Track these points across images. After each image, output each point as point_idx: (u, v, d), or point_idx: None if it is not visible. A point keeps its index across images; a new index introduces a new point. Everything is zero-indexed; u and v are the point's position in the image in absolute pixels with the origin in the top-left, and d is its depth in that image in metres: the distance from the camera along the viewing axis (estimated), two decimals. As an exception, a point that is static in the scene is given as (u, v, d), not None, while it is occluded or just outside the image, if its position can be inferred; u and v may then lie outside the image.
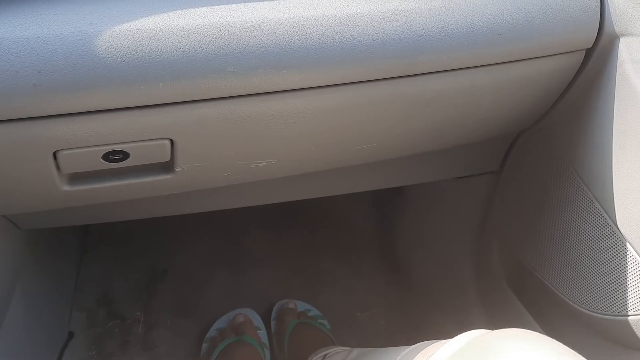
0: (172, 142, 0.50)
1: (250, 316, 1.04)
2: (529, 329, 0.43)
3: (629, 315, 0.60)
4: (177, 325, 1.06)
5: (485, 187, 0.88)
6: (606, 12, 0.56)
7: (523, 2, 0.53)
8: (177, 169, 0.54)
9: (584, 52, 0.58)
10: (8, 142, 0.44)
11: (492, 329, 0.46)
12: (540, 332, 0.43)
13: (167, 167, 0.54)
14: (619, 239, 0.60)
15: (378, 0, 0.49)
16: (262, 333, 1.02)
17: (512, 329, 0.44)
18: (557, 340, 0.42)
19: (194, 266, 1.15)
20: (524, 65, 0.56)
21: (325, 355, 0.84)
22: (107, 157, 0.49)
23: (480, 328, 0.48)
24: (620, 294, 0.61)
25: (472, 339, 0.46)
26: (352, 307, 1.12)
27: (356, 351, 0.74)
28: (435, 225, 1.06)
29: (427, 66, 0.51)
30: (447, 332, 0.54)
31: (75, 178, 0.52)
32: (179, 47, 0.44)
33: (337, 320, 1.09)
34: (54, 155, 0.47)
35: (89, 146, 0.47)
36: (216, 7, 0.46)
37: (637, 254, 0.58)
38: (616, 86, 0.58)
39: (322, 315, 1.08)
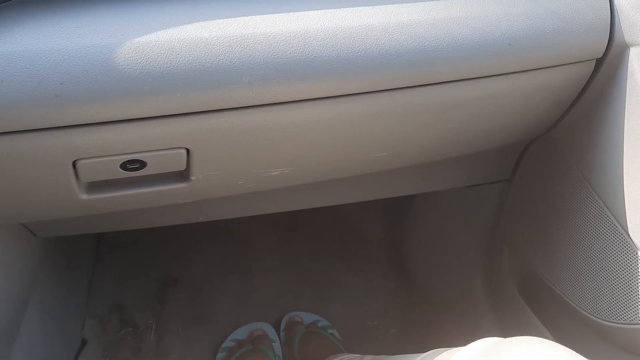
0: (188, 151, 0.51)
1: (266, 330, 1.05)
2: (539, 337, 0.44)
3: (640, 324, 0.61)
4: (189, 334, 1.07)
5: (496, 195, 0.89)
6: (616, 22, 0.57)
7: (534, 13, 0.53)
8: (193, 178, 0.55)
9: (594, 61, 0.59)
10: (29, 152, 0.45)
11: (504, 337, 0.47)
12: (551, 340, 0.43)
13: (182, 175, 0.55)
14: (631, 247, 0.60)
15: (390, 12, 0.50)
16: (277, 346, 1.03)
17: (524, 336, 0.44)
18: (568, 348, 0.42)
19: (204, 274, 1.16)
20: (535, 74, 0.56)
21: (336, 363, 0.84)
22: (124, 166, 0.50)
23: (491, 336, 0.48)
24: (632, 303, 0.61)
25: (485, 346, 0.47)
26: (362, 316, 1.13)
27: (368, 358, 0.74)
28: (446, 234, 1.06)
29: (439, 76, 0.52)
30: (458, 340, 0.54)
31: (93, 187, 0.53)
32: (196, 58, 0.45)
33: (347, 329, 1.09)
34: (74, 164, 0.48)
35: (107, 155, 0.48)
36: (232, 19, 0.47)
37: (649, 262, 0.58)
38: (627, 95, 0.58)
39: (332, 326, 1.08)
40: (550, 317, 0.79)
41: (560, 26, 0.54)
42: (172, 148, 0.50)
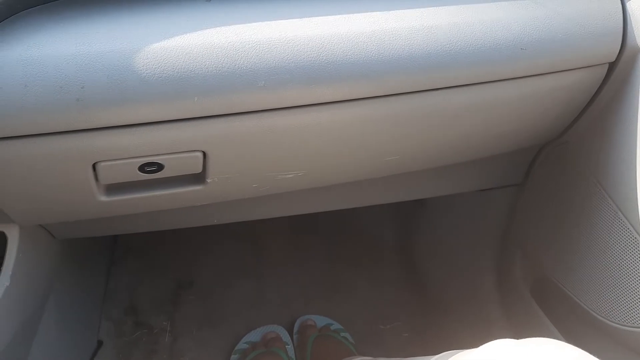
0: (204, 154, 0.52)
1: (279, 333, 1.06)
2: (552, 339, 0.44)
3: (655, 328, 0.60)
4: (202, 336, 1.08)
5: (508, 199, 0.89)
6: (629, 27, 0.57)
7: (546, 18, 0.54)
8: (209, 180, 0.56)
9: (607, 65, 0.59)
10: (51, 154, 0.46)
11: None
12: (564, 342, 0.44)
13: (199, 178, 0.56)
14: (645, 251, 0.60)
15: (403, 17, 0.51)
16: (290, 348, 1.04)
17: (537, 337, 0.45)
18: (581, 350, 0.42)
19: (218, 277, 1.17)
20: (548, 78, 0.57)
21: (349, 365, 0.85)
22: (143, 168, 0.51)
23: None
24: (647, 306, 0.61)
25: (498, 347, 0.47)
26: (374, 320, 1.13)
27: (381, 360, 0.74)
28: (458, 237, 1.06)
29: (452, 80, 0.52)
30: (470, 343, 0.54)
31: (112, 189, 0.54)
32: (212, 63, 0.46)
33: (359, 333, 1.09)
34: (93, 166, 0.49)
35: (126, 158, 0.49)
36: (248, 24, 0.48)
37: (663, 265, 0.58)
38: (639, 99, 0.58)
39: (344, 329, 1.09)
40: (563, 320, 0.79)
41: (573, 30, 0.54)
42: (189, 151, 0.51)
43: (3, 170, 0.47)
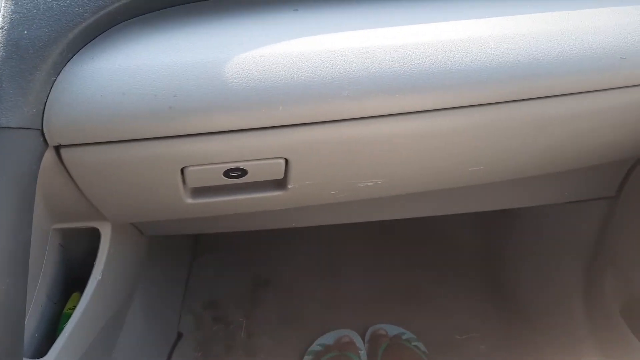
0: (286, 161, 0.53)
1: (353, 337, 1.06)
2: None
3: None
4: (277, 334, 1.09)
5: (600, 213, 0.84)
6: None
7: (650, 24, 0.50)
8: (290, 186, 0.57)
9: None
10: (144, 159, 0.49)
11: None
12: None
13: (280, 184, 0.57)
14: None
15: (494, 25, 0.49)
16: (363, 354, 1.03)
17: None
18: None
19: (294, 277, 1.19)
20: (650, 89, 0.53)
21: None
22: (227, 173, 0.53)
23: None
24: None
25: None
26: (450, 330, 1.10)
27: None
28: (545, 249, 1.02)
29: (544, 90, 0.50)
30: (554, 362, 0.52)
31: (198, 192, 0.56)
32: (298, 72, 0.46)
33: (434, 342, 1.07)
34: (182, 171, 0.51)
35: (212, 163, 0.51)
36: (333, 34, 0.48)
37: None
38: None
39: (417, 338, 1.07)
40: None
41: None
42: (272, 158, 0.52)
43: (100, 172, 0.50)
